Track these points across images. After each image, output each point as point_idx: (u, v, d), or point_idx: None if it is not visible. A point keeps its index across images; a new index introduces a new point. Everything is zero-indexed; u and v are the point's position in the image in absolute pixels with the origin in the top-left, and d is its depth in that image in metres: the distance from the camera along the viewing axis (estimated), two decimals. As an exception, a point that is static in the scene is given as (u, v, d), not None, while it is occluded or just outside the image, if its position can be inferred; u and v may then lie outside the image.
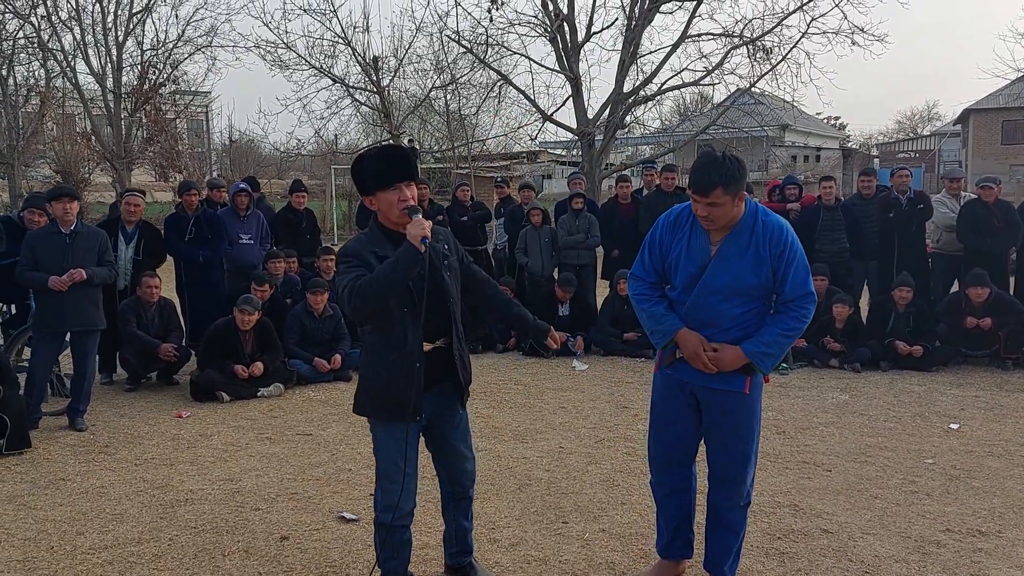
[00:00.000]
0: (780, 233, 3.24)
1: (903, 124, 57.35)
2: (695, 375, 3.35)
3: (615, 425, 6.12)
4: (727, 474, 3.39)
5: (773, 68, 17.33)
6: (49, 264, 5.92)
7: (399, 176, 3.17)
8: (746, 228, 3.23)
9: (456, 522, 3.61)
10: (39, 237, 6.09)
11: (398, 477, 3.24)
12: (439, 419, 3.41)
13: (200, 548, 4.05)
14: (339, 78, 20.74)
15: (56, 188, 6.50)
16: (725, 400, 3.33)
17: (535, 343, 8.55)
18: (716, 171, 3.09)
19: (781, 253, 3.21)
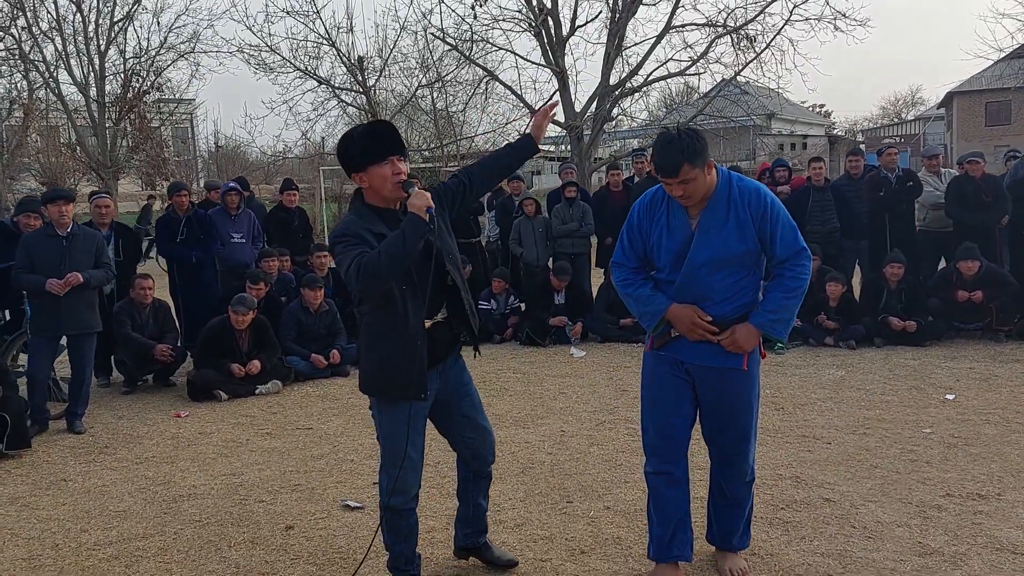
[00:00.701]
0: (758, 195, 3.18)
1: (887, 110, 57.69)
2: (691, 353, 3.27)
3: (615, 408, 6.15)
4: (729, 452, 3.36)
5: (757, 56, 17.35)
6: (46, 267, 5.83)
7: (390, 150, 3.12)
8: (722, 196, 3.18)
9: (474, 501, 3.56)
10: (35, 240, 5.98)
11: (400, 461, 3.21)
12: (449, 396, 3.36)
13: (206, 540, 4.05)
14: (324, 79, 20.65)
15: (52, 191, 6.43)
16: (723, 378, 3.26)
17: (531, 333, 8.57)
18: (676, 149, 3.03)
19: (763, 214, 3.15)
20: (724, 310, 3.22)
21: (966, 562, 3.51)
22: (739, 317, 3.23)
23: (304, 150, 25.38)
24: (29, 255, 5.89)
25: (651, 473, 3.44)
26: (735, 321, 3.23)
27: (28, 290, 6.02)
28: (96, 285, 6.12)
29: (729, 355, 3.22)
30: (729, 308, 3.22)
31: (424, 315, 3.18)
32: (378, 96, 22.15)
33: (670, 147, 3.04)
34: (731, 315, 3.22)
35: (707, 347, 3.24)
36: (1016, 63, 22.15)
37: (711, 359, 3.25)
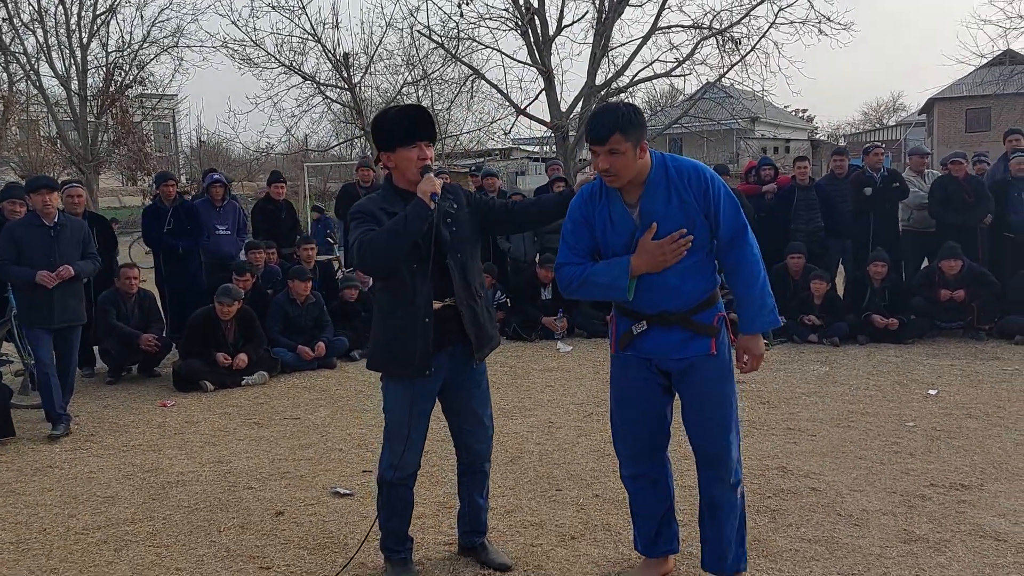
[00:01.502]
0: (697, 172, 3.02)
1: (869, 115, 58.21)
2: (656, 349, 3.10)
3: (602, 400, 6.15)
4: (710, 450, 3.15)
5: (743, 59, 17.46)
6: (34, 258, 5.63)
7: (421, 135, 3.19)
8: (659, 180, 3.00)
9: (470, 498, 3.55)
10: (21, 230, 5.75)
11: (401, 436, 3.26)
12: (455, 381, 3.38)
13: (195, 526, 4.04)
14: (309, 75, 20.58)
15: (34, 179, 6.05)
16: (695, 368, 3.09)
17: (518, 327, 8.60)
18: (610, 116, 2.87)
19: (706, 191, 2.99)
20: (684, 293, 3.05)
21: (950, 548, 3.56)
22: (706, 300, 3.08)
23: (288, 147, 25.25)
24: (16, 245, 5.68)
25: (627, 477, 3.34)
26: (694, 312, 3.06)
27: (16, 282, 5.87)
28: (85, 277, 6.00)
29: (695, 342, 3.06)
30: (692, 289, 3.05)
31: (431, 295, 3.21)
32: (363, 93, 22.10)
33: (604, 114, 2.91)
34: (697, 296, 3.06)
35: (671, 340, 3.08)
36: (996, 70, 22.47)
37: (677, 351, 3.09)
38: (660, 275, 3.02)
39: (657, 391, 3.18)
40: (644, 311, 3.09)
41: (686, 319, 3.06)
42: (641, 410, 3.20)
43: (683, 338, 3.07)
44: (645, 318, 3.09)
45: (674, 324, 3.06)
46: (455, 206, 3.31)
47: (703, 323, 3.07)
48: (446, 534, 3.83)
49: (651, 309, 3.07)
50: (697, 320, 3.07)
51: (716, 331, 3.08)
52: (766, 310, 3.08)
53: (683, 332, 3.06)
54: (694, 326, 3.06)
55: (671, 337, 3.07)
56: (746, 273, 3.04)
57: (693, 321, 3.06)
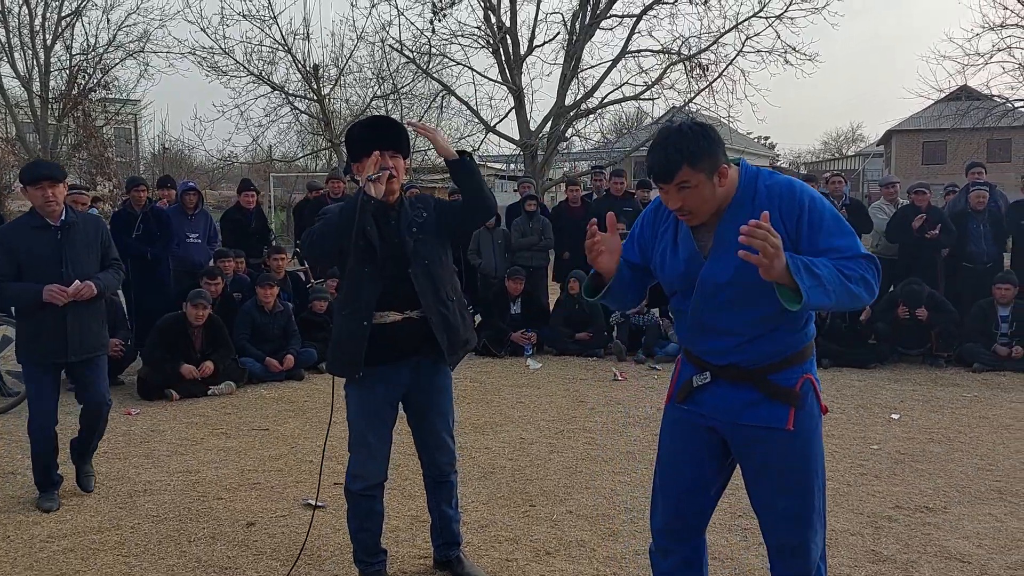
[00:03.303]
0: (791, 192, 2.36)
1: (829, 144, 59.45)
2: (719, 408, 2.49)
3: (573, 418, 6.21)
4: (783, 542, 2.52)
5: (710, 85, 17.83)
6: (38, 269, 4.20)
7: (379, 145, 3.19)
8: (745, 202, 2.38)
9: (438, 509, 3.55)
10: (18, 235, 4.29)
11: (362, 444, 3.30)
12: (417, 393, 3.39)
13: (164, 535, 3.97)
14: (278, 85, 20.49)
15: (33, 167, 4.42)
16: (763, 442, 2.46)
17: (488, 343, 8.61)
18: (674, 146, 2.31)
19: (799, 217, 2.33)
20: (758, 352, 2.43)
21: (917, 569, 3.64)
22: (780, 363, 2.43)
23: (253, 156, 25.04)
24: (13, 256, 4.24)
25: (656, 551, 2.73)
26: (773, 369, 2.43)
27: (16, 303, 4.48)
28: (110, 292, 4.65)
29: (766, 409, 2.43)
30: (767, 350, 2.42)
31: (374, 301, 3.21)
32: (332, 105, 22.02)
33: (667, 143, 2.33)
34: (778, 350, 2.43)
35: (735, 400, 2.47)
36: (954, 105, 23.14)
37: (741, 414, 2.46)
38: (727, 319, 2.42)
39: (711, 462, 2.59)
40: (710, 360, 2.51)
41: (760, 377, 2.44)
42: (689, 479, 2.60)
43: (751, 400, 2.45)
44: (710, 368, 2.51)
45: (743, 381, 2.45)
46: (423, 214, 3.34)
47: (781, 385, 2.42)
48: (421, 548, 3.82)
49: (719, 359, 2.49)
50: (774, 380, 2.43)
51: (797, 399, 2.42)
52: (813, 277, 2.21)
53: (752, 392, 2.44)
54: (768, 387, 2.43)
55: (736, 396, 2.47)
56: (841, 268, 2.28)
57: (768, 381, 2.44)
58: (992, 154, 29.20)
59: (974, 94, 21.68)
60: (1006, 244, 9.35)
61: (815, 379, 2.48)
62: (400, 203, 3.32)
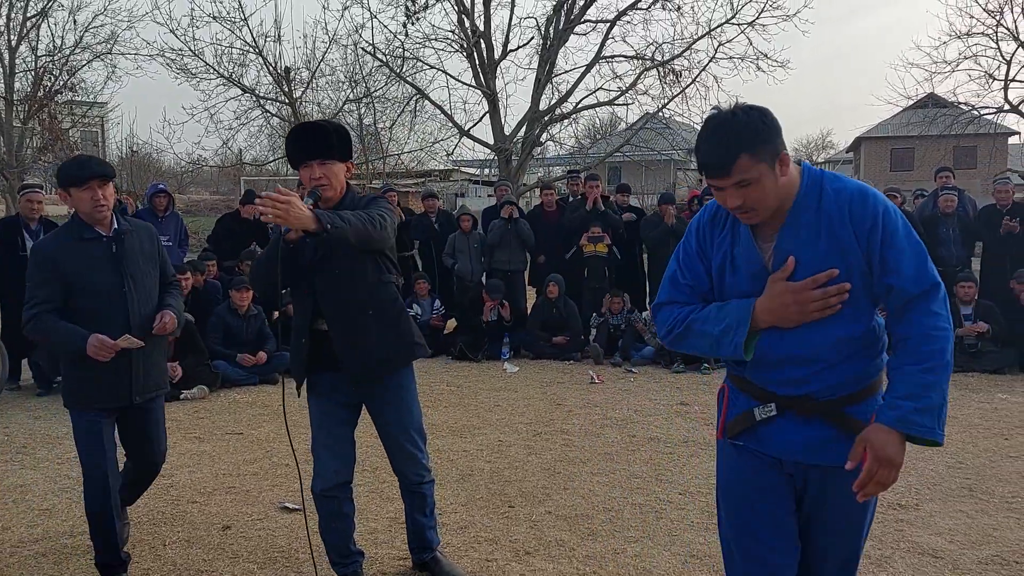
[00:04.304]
0: (863, 200, 2.06)
1: (799, 151, 60.11)
2: (788, 446, 2.18)
3: (551, 420, 6.21)
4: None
5: (683, 91, 17.97)
6: (95, 294, 3.30)
7: (306, 156, 3.13)
8: (809, 205, 2.09)
9: (411, 517, 3.55)
10: (64, 250, 3.31)
11: (320, 446, 3.33)
12: (370, 400, 3.38)
13: (138, 539, 3.91)
14: (249, 88, 20.33)
15: (77, 164, 3.34)
16: (837, 484, 2.15)
17: (464, 347, 8.60)
18: (729, 133, 1.99)
19: (872, 228, 2.04)
20: (832, 381, 2.12)
21: (891, 564, 3.68)
22: (857, 393, 2.14)
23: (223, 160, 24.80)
24: (58, 276, 3.26)
25: None
26: (849, 401, 2.13)
27: (55, 345, 3.42)
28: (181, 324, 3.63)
29: (841, 446, 2.11)
30: (840, 380, 2.12)
31: (308, 315, 3.24)
32: (304, 108, 21.90)
33: (721, 131, 2.01)
34: (856, 379, 2.13)
35: (807, 438, 2.16)
36: (921, 112, 23.55)
37: (815, 453, 2.15)
38: (804, 343, 2.10)
39: (787, 502, 2.24)
40: (776, 390, 2.18)
41: (835, 410, 2.14)
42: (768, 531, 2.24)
43: (825, 438, 2.14)
44: (777, 400, 2.18)
45: (815, 415, 2.15)
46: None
47: (858, 420, 2.12)
48: (400, 549, 3.80)
49: (788, 389, 2.16)
50: (850, 414, 2.13)
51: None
52: (928, 411, 1.99)
53: (827, 428, 2.15)
54: (844, 423, 2.13)
55: (808, 433, 2.16)
56: (921, 353, 2.01)
57: (844, 415, 2.13)
58: (959, 161, 29.75)
59: (941, 101, 22.10)
60: (974, 248, 9.52)
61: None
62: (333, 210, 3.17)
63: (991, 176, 12.79)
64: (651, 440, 5.68)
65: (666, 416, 6.37)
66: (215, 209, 30.01)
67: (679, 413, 6.47)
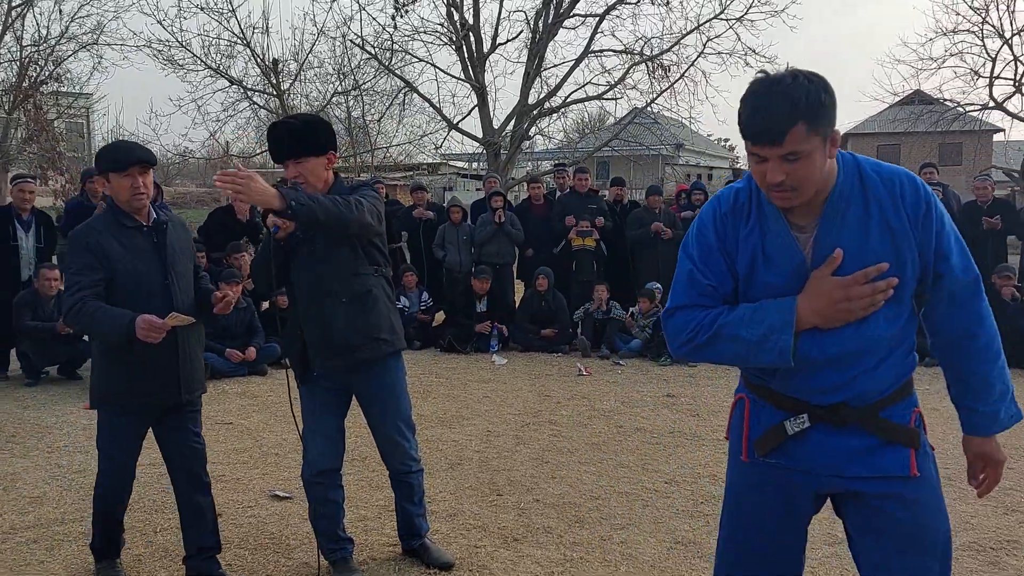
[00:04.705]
0: (913, 184, 1.90)
1: (786, 147, 60.42)
2: (825, 459, 1.96)
3: (539, 411, 6.27)
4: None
5: (672, 85, 18.03)
6: (140, 284, 3.12)
7: (284, 155, 3.20)
8: (853, 194, 1.90)
9: (400, 505, 3.61)
10: (105, 236, 3.12)
11: (310, 432, 3.40)
12: (358, 390, 3.43)
13: (130, 526, 3.93)
14: (236, 80, 20.25)
15: (117, 149, 3.20)
16: (884, 496, 1.95)
17: (453, 339, 8.64)
18: (790, 99, 1.76)
19: (926, 215, 1.89)
20: (870, 386, 1.94)
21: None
22: (893, 395, 1.97)
23: (210, 151, 24.70)
24: (102, 261, 3.09)
25: None
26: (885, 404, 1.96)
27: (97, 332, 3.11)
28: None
29: (885, 454, 1.95)
30: (878, 382, 1.95)
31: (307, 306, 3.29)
32: (292, 100, 21.84)
33: (778, 94, 1.77)
34: (889, 379, 1.97)
35: (845, 448, 1.96)
36: (908, 108, 23.70)
37: (856, 464, 1.95)
38: (851, 339, 1.90)
39: (801, 522, 2.09)
40: (808, 398, 1.97)
41: (871, 416, 1.95)
42: (774, 546, 2.09)
43: (865, 446, 1.96)
44: (809, 410, 1.97)
45: (852, 423, 1.95)
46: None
47: (896, 423, 1.96)
48: (389, 536, 3.84)
49: (820, 397, 1.96)
50: (887, 418, 1.96)
51: (917, 437, 1.98)
52: (1008, 396, 2.00)
53: (865, 436, 1.96)
54: (882, 428, 1.95)
55: (846, 443, 1.96)
56: (979, 348, 1.96)
57: (881, 420, 1.95)
58: (944, 157, 29.98)
59: (927, 98, 22.27)
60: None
61: (921, 410, 2.04)
62: None
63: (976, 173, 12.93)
64: (638, 430, 5.74)
65: (653, 407, 6.44)
66: (201, 202, 29.90)
67: (665, 404, 6.54)
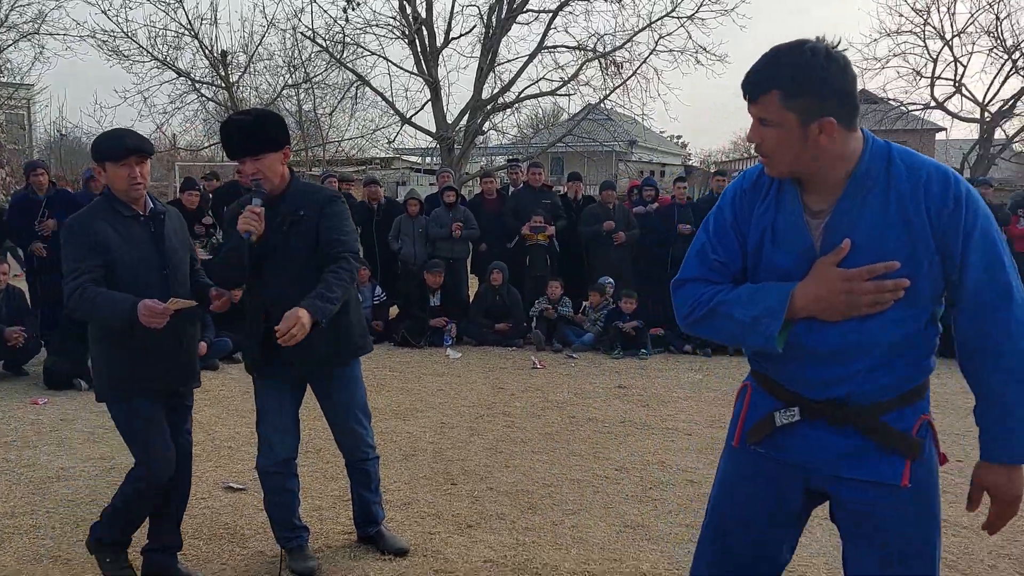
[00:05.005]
0: (943, 179, 1.79)
1: (738, 144, 61.32)
2: (813, 455, 1.92)
3: (493, 403, 6.35)
4: None
5: (624, 82, 18.22)
6: (137, 274, 3.07)
7: (238, 153, 3.20)
8: (876, 182, 1.81)
9: (356, 492, 3.66)
10: (101, 221, 3.06)
11: (265, 423, 3.42)
12: (315, 385, 3.49)
13: (81, 519, 3.92)
14: (184, 72, 19.92)
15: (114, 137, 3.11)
16: (871, 503, 1.89)
17: (406, 333, 8.67)
18: (775, 62, 1.78)
19: (954, 212, 1.77)
20: (870, 385, 1.86)
21: (810, 531, 3.91)
22: (896, 399, 1.87)
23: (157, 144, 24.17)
24: (99, 249, 3.02)
25: None
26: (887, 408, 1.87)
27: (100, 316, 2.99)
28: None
29: (878, 460, 1.87)
30: (880, 383, 1.86)
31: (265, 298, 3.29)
32: (241, 93, 21.54)
33: (771, 56, 1.80)
34: (880, 396, 1.87)
35: (836, 447, 1.90)
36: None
37: (845, 466, 1.89)
38: (850, 335, 1.83)
39: (792, 517, 2.02)
40: (803, 391, 1.92)
41: (870, 418, 1.87)
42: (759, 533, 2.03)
43: (855, 448, 1.89)
44: (801, 403, 1.92)
45: (848, 423, 1.89)
46: (301, 212, 3.27)
47: (895, 429, 1.87)
48: (344, 524, 3.89)
49: (818, 391, 1.90)
50: (888, 423, 1.87)
51: (917, 447, 1.87)
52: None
53: (857, 438, 1.89)
54: (880, 432, 1.87)
55: (835, 442, 1.90)
56: (1007, 359, 1.78)
57: (880, 423, 1.87)
58: (886, 155, 30.63)
59: (871, 97, 22.81)
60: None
61: (931, 420, 1.91)
62: (281, 198, 3.27)
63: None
64: (590, 420, 5.86)
65: (605, 398, 6.56)
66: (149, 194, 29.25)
67: (617, 395, 6.67)
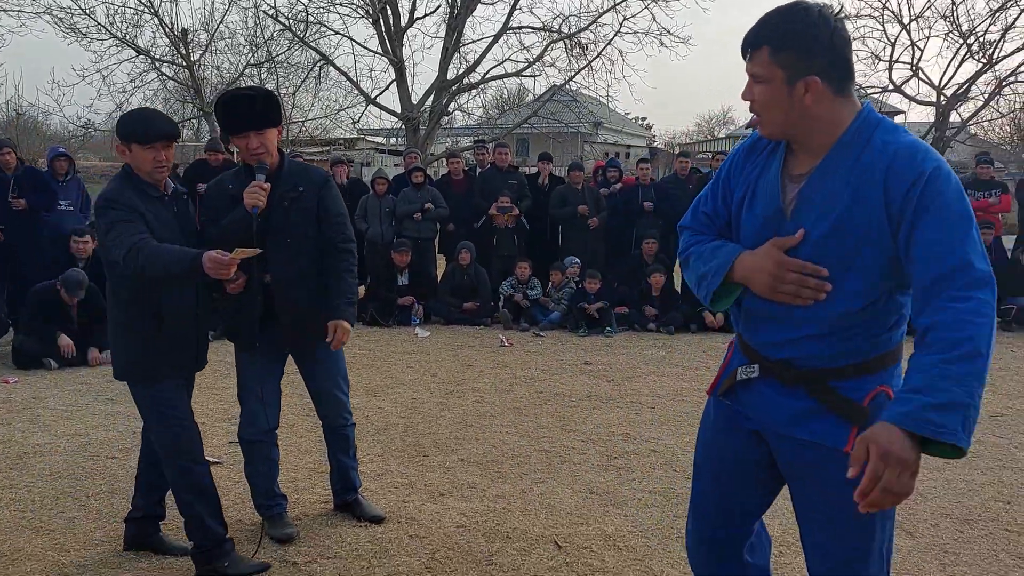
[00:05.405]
0: (910, 156, 1.76)
1: (702, 126, 61.77)
2: (761, 411, 1.99)
3: (462, 380, 6.49)
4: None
5: (589, 63, 18.34)
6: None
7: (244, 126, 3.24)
8: (851, 151, 1.82)
9: (335, 458, 3.79)
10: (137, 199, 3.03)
11: (248, 393, 3.53)
12: (298, 354, 3.61)
13: (60, 491, 4.00)
14: (144, 50, 19.61)
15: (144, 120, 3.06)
16: (816, 465, 1.92)
17: (375, 313, 8.76)
18: (769, 23, 1.83)
19: (910, 188, 1.73)
20: (820, 351, 1.88)
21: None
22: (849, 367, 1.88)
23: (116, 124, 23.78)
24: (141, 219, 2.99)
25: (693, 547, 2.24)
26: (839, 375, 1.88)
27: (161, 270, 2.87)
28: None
29: (821, 422, 1.90)
30: (831, 350, 1.87)
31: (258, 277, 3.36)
32: (202, 72, 21.28)
33: (768, 15, 1.86)
34: (831, 363, 1.89)
35: (783, 406, 1.95)
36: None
37: (789, 424, 1.94)
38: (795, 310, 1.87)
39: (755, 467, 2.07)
40: (759, 350, 1.99)
41: (819, 381, 1.90)
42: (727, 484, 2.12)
43: (803, 409, 1.92)
44: (760, 361, 1.99)
45: (797, 384, 1.93)
46: (300, 189, 3.39)
47: (844, 396, 1.88)
48: (320, 495, 4.02)
49: (772, 351, 1.96)
50: (836, 388, 1.89)
51: (863, 416, 1.85)
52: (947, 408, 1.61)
53: (806, 400, 1.92)
54: (827, 396, 1.89)
55: (785, 402, 1.95)
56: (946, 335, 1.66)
57: (829, 388, 1.89)
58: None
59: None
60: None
61: (889, 392, 1.86)
62: (277, 174, 3.36)
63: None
64: (557, 395, 6.03)
65: (571, 374, 6.74)
66: (107, 176, 28.83)
67: (583, 371, 6.85)
